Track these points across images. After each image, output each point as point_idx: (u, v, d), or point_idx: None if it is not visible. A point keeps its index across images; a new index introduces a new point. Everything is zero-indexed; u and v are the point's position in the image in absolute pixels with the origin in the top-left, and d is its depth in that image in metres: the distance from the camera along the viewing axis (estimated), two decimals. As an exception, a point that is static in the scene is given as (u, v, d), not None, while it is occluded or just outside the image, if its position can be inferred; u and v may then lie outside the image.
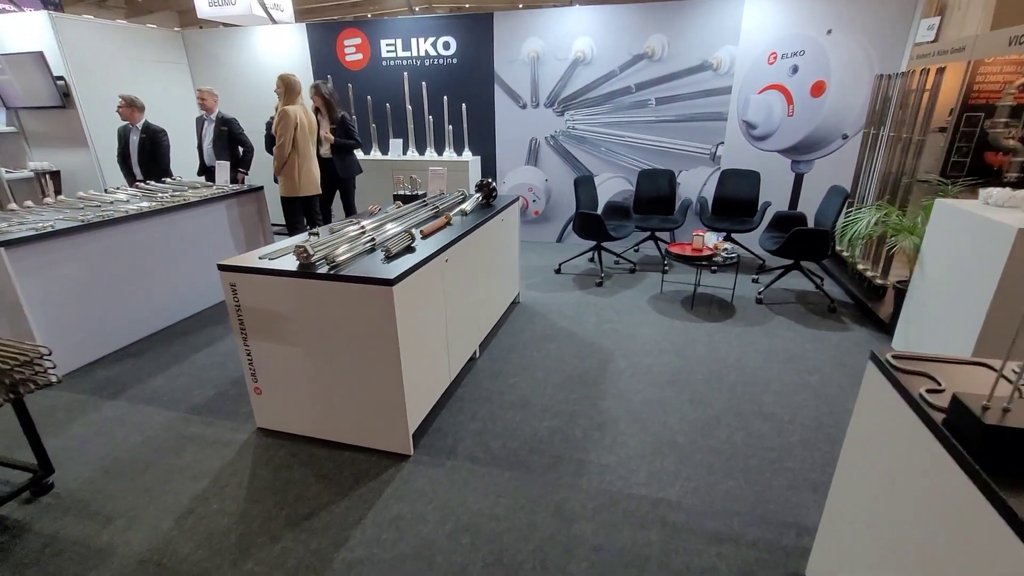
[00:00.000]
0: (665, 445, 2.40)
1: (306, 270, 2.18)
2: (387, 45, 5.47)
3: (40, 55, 4.90)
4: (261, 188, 4.50)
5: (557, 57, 5.10)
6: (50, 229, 2.94)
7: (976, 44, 3.31)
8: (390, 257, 2.33)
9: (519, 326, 3.69)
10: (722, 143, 4.98)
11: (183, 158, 5.18)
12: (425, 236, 2.69)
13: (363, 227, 2.65)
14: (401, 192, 3.69)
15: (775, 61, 4.66)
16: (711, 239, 4.09)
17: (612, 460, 2.31)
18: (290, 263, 2.24)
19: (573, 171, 5.41)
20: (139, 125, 4.53)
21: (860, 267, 4.16)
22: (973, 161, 7.79)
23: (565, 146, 5.39)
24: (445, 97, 5.42)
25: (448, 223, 2.95)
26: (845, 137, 4.69)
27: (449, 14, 5.64)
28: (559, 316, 3.85)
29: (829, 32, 4.47)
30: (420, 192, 3.70)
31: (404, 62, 5.48)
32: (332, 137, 4.47)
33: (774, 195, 4.88)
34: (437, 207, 3.26)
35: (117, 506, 2.08)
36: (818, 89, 4.61)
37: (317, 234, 2.62)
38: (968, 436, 1.02)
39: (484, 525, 1.96)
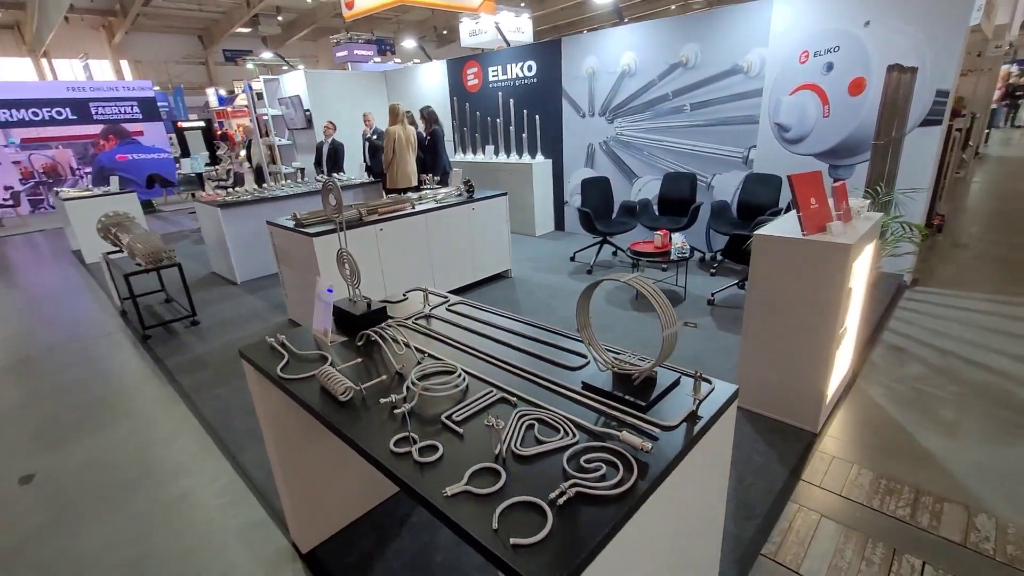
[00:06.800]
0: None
1: (296, 227, 3.89)
2: (492, 71, 6.92)
3: (298, 98, 8.02)
4: (379, 181, 6.56)
5: (608, 71, 5.73)
6: (245, 199, 5.43)
7: None
8: (336, 224, 3.85)
9: (484, 291, 4.78)
10: (754, 147, 4.87)
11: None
12: (380, 214, 4.13)
13: (362, 203, 4.24)
14: (425, 187, 5.17)
15: (807, 60, 4.38)
16: (677, 239, 4.35)
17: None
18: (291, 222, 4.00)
19: (621, 173, 5.94)
20: (330, 140, 7.11)
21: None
22: None
23: (614, 150, 5.96)
24: (525, 111, 6.59)
25: (411, 206, 4.31)
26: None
27: (532, 43, 6.72)
28: (523, 291, 4.76)
29: (867, 24, 4.03)
30: (438, 187, 5.10)
31: (502, 84, 6.85)
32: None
33: (808, 202, 4.56)
34: (424, 195, 4.63)
35: (210, 335, 4.20)
36: (857, 87, 4.18)
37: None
38: (329, 310, 2.02)
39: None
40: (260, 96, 8.83)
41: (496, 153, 7.05)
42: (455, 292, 4.70)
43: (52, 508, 2.41)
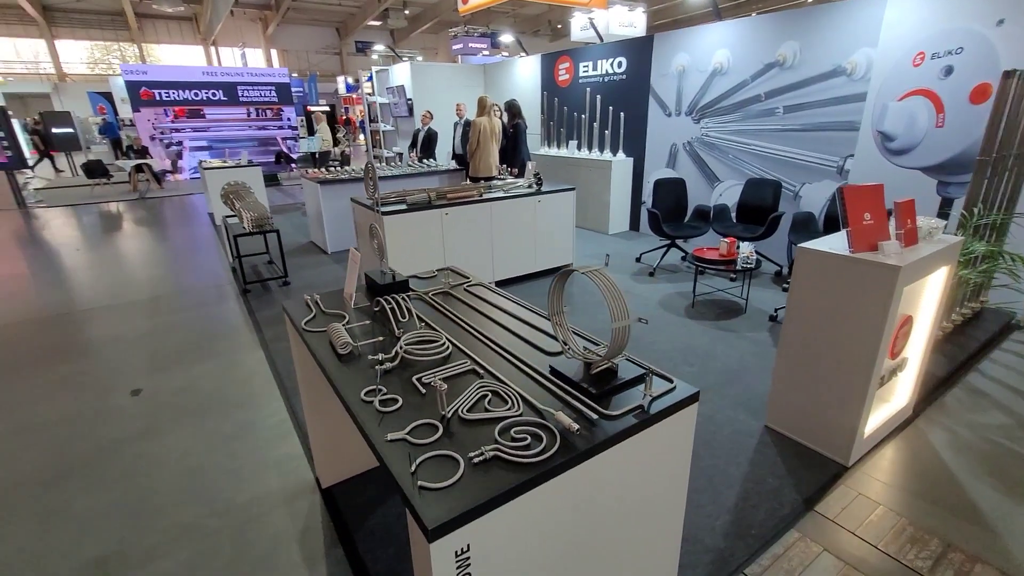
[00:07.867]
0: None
1: (371, 205, 4.28)
2: (584, 67, 6.93)
3: (402, 87, 8.62)
4: (461, 169, 6.88)
5: (699, 69, 5.51)
6: (342, 177, 6.02)
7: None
8: (408, 204, 4.19)
9: (543, 282, 4.88)
10: (851, 156, 4.45)
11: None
12: (448, 199, 4.39)
13: (433, 188, 4.56)
14: (499, 177, 5.36)
15: (922, 62, 3.92)
16: (745, 248, 4.15)
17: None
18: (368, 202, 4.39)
19: (702, 175, 5.71)
20: (426, 128, 7.59)
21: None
22: None
23: (698, 152, 5.72)
24: (611, 107, 6.53)
25: (478, 194, 4.53)
26: (1017, 156, 3.56)
27: (625, 39, 6.60)
28: (579, 286, 4.79)
29: (1000, 23, 3.51)
30: (513, 178, 5.27)
31: (592, 79, 6.84)
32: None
33: (908, 221, 4.10)
34: (493, 184, 4.83)
35: (295, 296, 4.76)
36: (981, 94, 3.67)
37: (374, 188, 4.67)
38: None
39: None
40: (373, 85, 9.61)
41: (579, 148, 7.07)
42: (514, 280, 4.89)
43: (148, 418, 2.96)
